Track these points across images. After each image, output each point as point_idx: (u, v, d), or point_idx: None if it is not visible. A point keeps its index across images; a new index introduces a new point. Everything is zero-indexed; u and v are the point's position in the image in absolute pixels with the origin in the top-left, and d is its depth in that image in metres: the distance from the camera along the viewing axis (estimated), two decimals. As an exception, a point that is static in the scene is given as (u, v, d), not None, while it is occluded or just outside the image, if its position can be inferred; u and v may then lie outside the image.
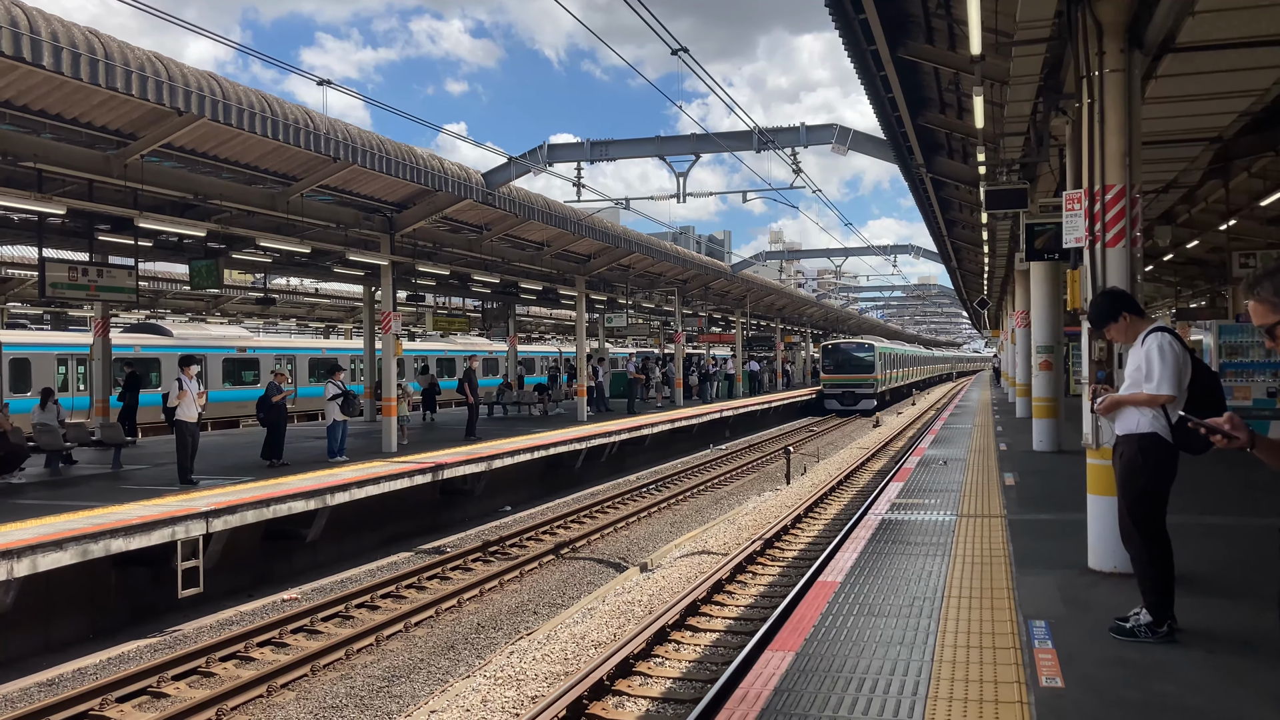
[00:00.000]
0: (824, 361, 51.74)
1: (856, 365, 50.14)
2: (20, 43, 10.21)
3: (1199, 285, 32.37)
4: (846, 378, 49.80)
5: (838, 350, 51.51)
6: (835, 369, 50.42)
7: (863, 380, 49.80)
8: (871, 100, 13.58)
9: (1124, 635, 5.87)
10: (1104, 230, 7.43)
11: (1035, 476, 13.93)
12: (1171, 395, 5.59)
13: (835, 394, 49.96)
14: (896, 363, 60.42)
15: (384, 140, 16.20)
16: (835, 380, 50.19)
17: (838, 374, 50.14)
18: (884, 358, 53.09)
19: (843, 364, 50.32)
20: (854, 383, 49.82)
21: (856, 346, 51.55)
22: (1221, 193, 16.99)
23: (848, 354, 50.93)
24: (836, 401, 49.78)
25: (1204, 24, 7.77)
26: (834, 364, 50.67)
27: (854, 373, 49.84)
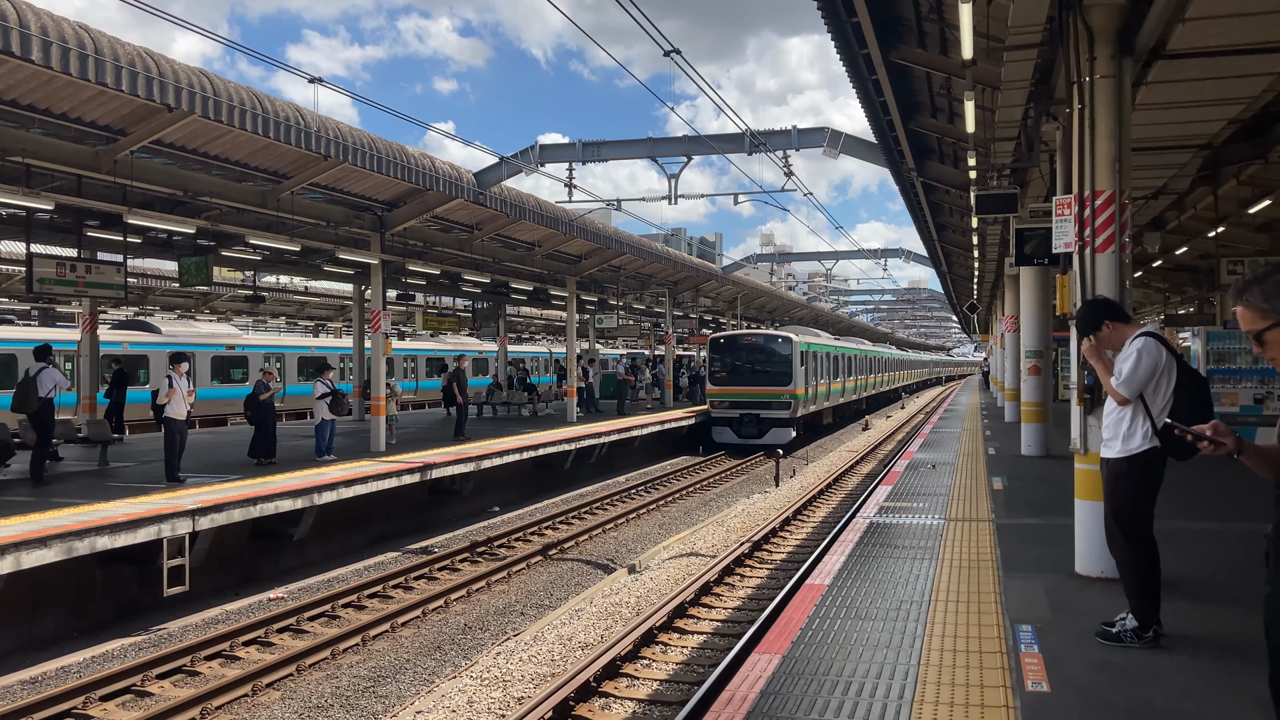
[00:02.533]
0: (711, 364, 32.96)
1: (763, 371, 32.18)
2: (9, 37, 10.15)
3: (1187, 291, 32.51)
4: (746, 392, 31.69)
5: (733, 346, 33.25)
6: (729, 377, 32.37)
7: (773, 397, 31.55)
8: (863, 104, 13.60)
9: (1110, 640, 5.88)
10: (1093, 235, 7.45)
11: (1023, 481, 13.96)
12: (1125, 399, 5.76)
13: (728, 418, 31.85)
14: (837, 367, 40.33)
15: (375, 139, 16.16)
16: (729, 395, 32.03)
17: (732, 385, 32.09)
18: (812, 360, 34.25)
19: (740, 369, 32.48)
20: (758, 399, 31.59)
21: (764, 341, 33.32)
22: (1210, 199, 17.06)
23: (748, 352, 32.82)
24: (730, 430, 31.71)
25: (1195, 31, 7.81)
26: (726, 369, 32.57)
27: (758, 383, 31.79)
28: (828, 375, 37.64)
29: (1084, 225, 7.51)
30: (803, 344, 32.78)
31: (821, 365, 36.11)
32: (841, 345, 42.74)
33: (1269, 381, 15.86)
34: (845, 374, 42.62)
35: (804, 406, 32.82)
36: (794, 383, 31.58)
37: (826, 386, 37.67)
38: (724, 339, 33.73)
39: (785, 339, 32.51)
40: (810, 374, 33.62)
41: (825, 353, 37.40)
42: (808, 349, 33.32)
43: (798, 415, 32.08)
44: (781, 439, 30.59)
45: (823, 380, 36.45)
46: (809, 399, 33.64)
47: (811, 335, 37.23)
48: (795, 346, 31.97)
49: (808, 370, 33.07)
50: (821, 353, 36.43)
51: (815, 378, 34.62)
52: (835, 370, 39.70)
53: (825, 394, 37.42)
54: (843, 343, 44.10)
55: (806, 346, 33.27)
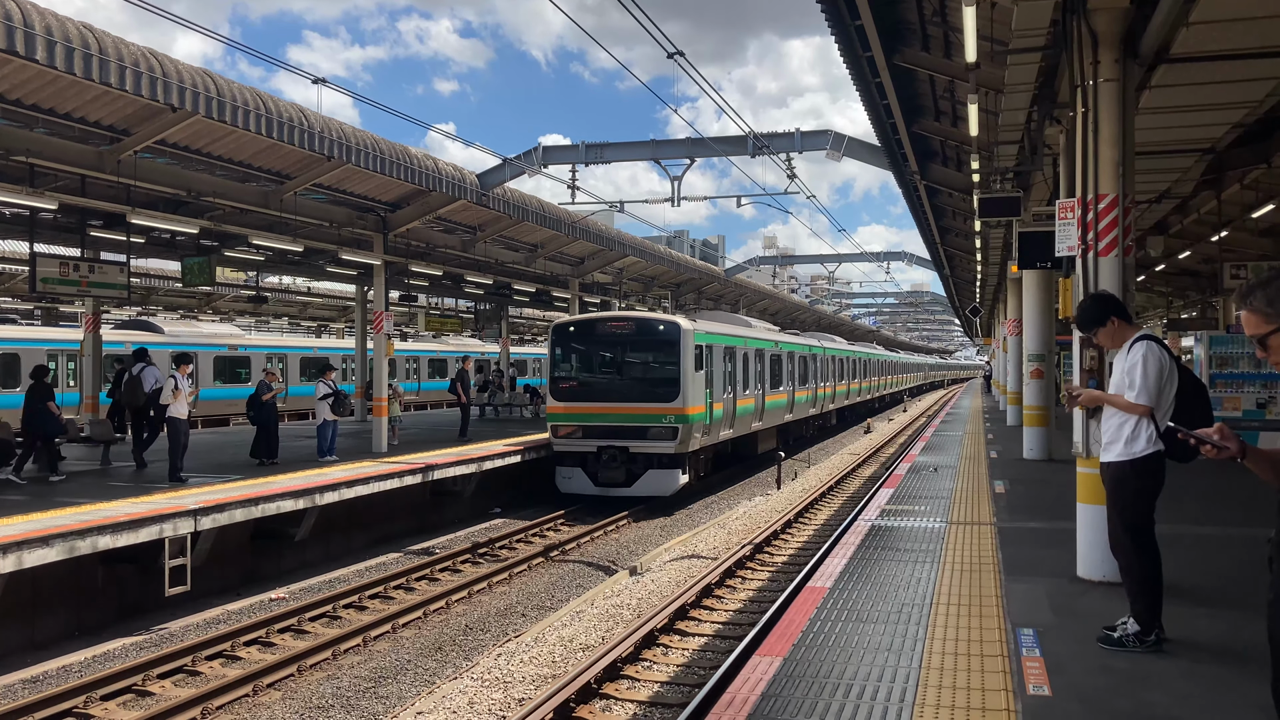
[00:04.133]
0: (555, 368, 21.48)
1: (634, 379, 20.91)
2: (14, 37, 10.17)
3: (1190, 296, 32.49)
4: (607, 410, 20.35)
5: (587, 338, 21.59)
6: (581, 387, 20.97)
7: (649, 419, 20.03)
8: (866, 107, 13.61)
9: (1112, 645, 5.87)
10: (1097, 239, 7.45)
11: (1025, 484, 13.95)
12: (1148, 408, 5.67)
13: (579, 454, 20.45)
14: (779, 371, 28.95)
15: (378, 139, 16.17)
16: (579, 417, 20.52)
17: (585, 401, 20.66)
18: (720, 360, 22.68)
19: (598, 375, 21.25)
20: (626, 423, 20.17)
21: (636, 331, 21.23)
22: (1214, 204, 17.06)
23: (611, 347, 21.39)
24: (583, 473, 20.40)
25: (1199, 35, 7.80)
26: (576, 374, 21.34)
27: (626, 398, 20.47)
28: (757, 383, 26.08)
29: (1087, 229, 7.51)
30: (701, 335, 20.79)
31: (742, 369, 24.41)
32: (785, 341, 30.66)
33: (1272, 386, 15.85)
34: (794, 380, 30.96)
35: (704, 433, 20.86)
36: (683, 395, 19.59)
37: (756, 400, 25.83)
38: (573, 326, 21.32)
39: (669, 326, 20.29)
40: (717, 382, 21.82)
41: (750, 350, 25.30)
42: (709, 343, 21.44)
43: (692, 448, 20.11)
44: (663, 486, 19.55)
45: (747, 391, 24.74)
46: (715, 421, 21.67)
47: (723, 324, 25.22)
48: (686, 339, 19.89)
49: (711, 376, 21.34)
50: (740, 350, 24.25)
51: (728, 387, 22.99)
52: (775, 375, 28.34)
53: (754, 412, 25.59)
54: (786, 337, 31.93)
55: (707, 339, 21.19)
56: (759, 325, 30.48)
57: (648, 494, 19.97)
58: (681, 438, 19.77)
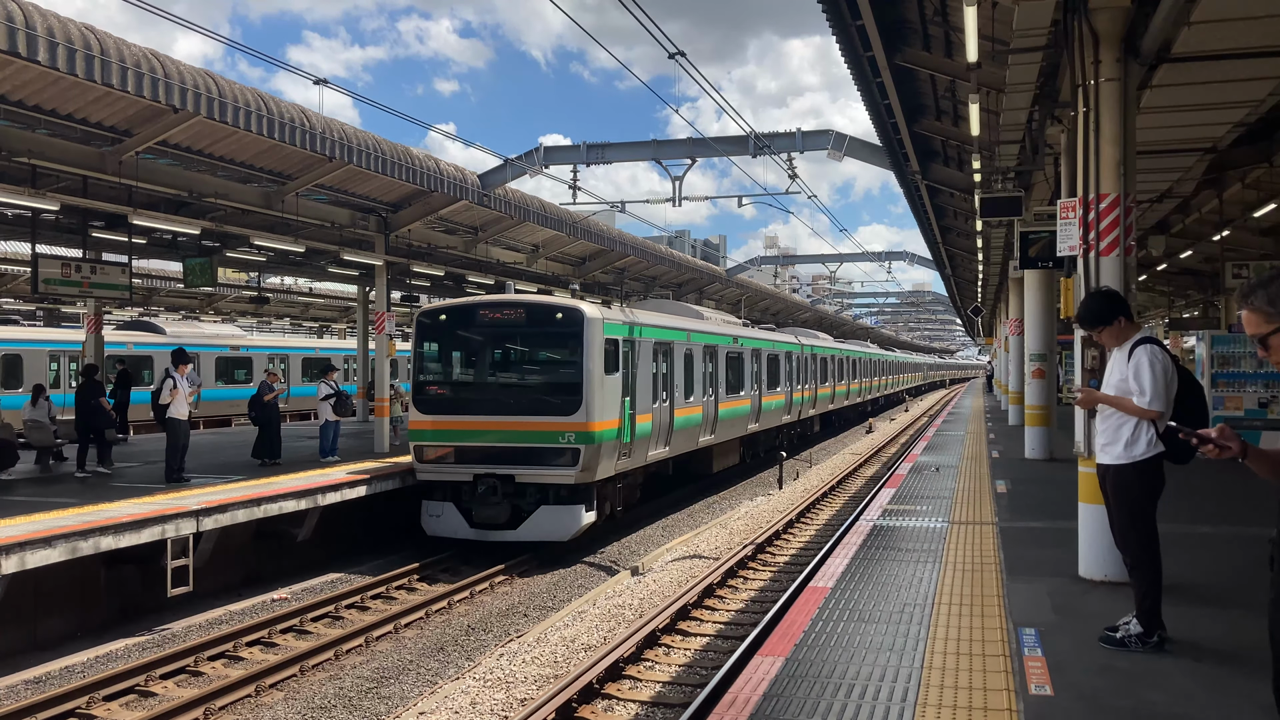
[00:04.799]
0: (420, 370, 16.69)
1: (522, 384, 16.40)
2: (16, 38, 10.18)
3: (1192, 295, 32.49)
4: (487, 427, 15.57)
5: (463, 327, 16.67)
6: (454, 398, 16.31)
7: (542, 438, 15.27)
8: (867, 106, 13.61)
9: (1114, 645, 5.87)
10: (1098, 239, 7.45)
11: (1027, 484, 13.95)
12: (1161, 411, 5.64)
13: (451, 484, 15.56)
14: (733, 371, 23.79)
15: (380, 140, 16.19)
16: (451, 435, 15.75)
17: (459, 414, 15.86)
18: (644, 360, 17.72)
19: (474, 377, 16.84)
20: (512, 444, 15.38)
21: (526, 320, 16.15)
22: (1215, 203, 17.07)
23: (494, 340, 16.72)
24: (455, 510, 15.43)
25: (1200, 35, 7.80)
26: (450, 379, 16.94)
27: (512, 409, 15.62)
28: (707, 387, 21.26)
29: (1088, 228, 7.51)
30: (615, 327, 16.19)
31: (684, 370, 19.68)
32: (750, 337, 25.68)
33: (1273, 385, 15.85)
34: (761, 383, 26.06)
35: (622, 455, 16.26)
36: (587, 406, 15.09)
37: (705, 409, 20.97)
38: (444, 314, 16.53)
39: (569, 314, 15.55)
40: (642, 387, 17.20)
41: (696, 347, 20.51)
42: (631, 337, 16.81)
43: (602, 475, 15.63)
44: (559, 528, 15.06)
45: (691, 398, 20.01)
46: (640, 439, 17.02)
47: (657, 314, 20.08)
48: (591, 332, 15.34)
49: (633, 379, 16.74)
50: (680, 347, 19.53)
51: (662, 394, 18.36)
52: (735, 378, 23.69)
53: (702, 424, 20.83)
54: (751, 332, 26.50)
55: (626, 332, 16.64)
56: (714, 317, 24.61)
57: (538, 538, 14.94)
58: (585, 462, 14.90)
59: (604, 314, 16.09)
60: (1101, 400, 5.95)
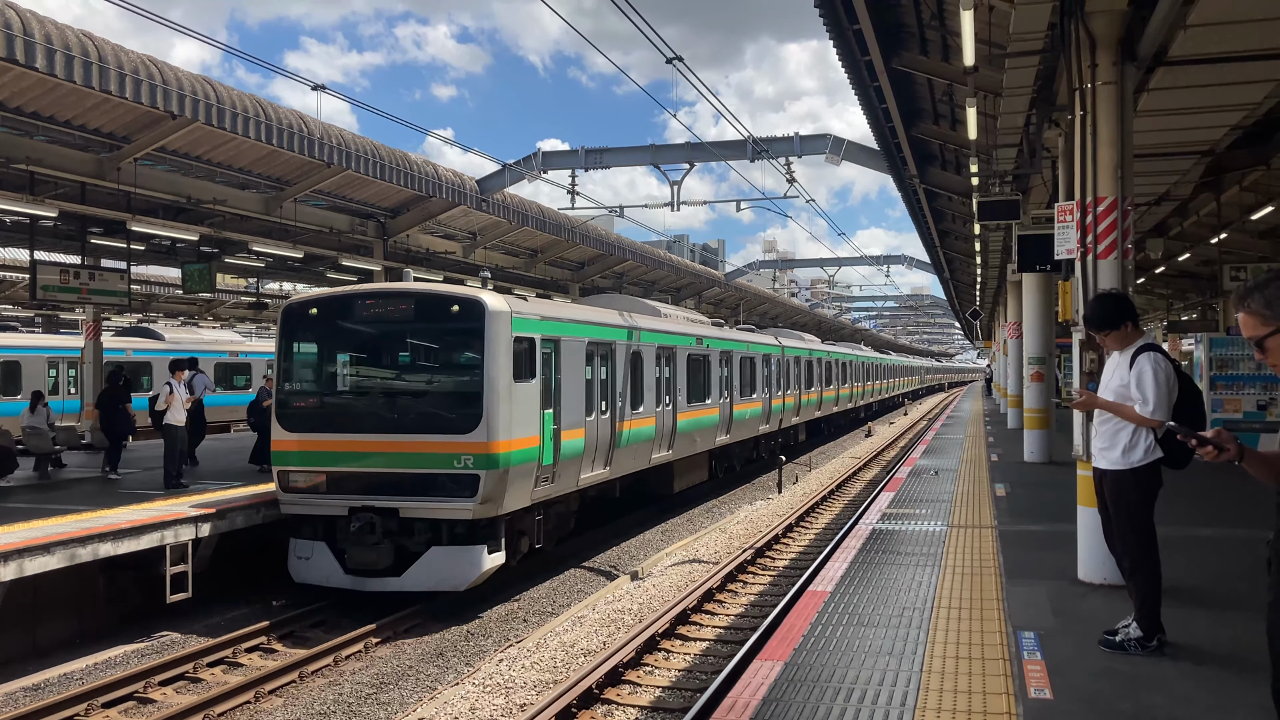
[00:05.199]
0: (286, 376, 13.67)
1: (414, 397, 12.96)
2: (14, 45, 10.19)
3: (1190, 298, 32.53)
4: (368, 447, 12.48)
5: (343, 320, 13.37)
6: (325, 412, 13.14)
7: (433, 462, 12.15)
8: (865, 110, 13.63)
9: (1113, 648, 5.87)
10: (1096, 242, 7.46)
11: (1026, 487, 13.95)
12: (1164, 421, 5.63)
13: (323, 518, 12.49)
14: (695, 377, 20.81)
15: (378, 145, 16.21)
16: (327, 458, 12.56)
17: (336, 433, 12.69)
18: (566, 365, 14.30)
19: (348, 399, 13.53)
20: (398, 469, 12.27)
21: (416, 314, 13.11)
22: (1213, 206, 17.08)
23: (377, 341, 13.61)
24: (328, 550, 12.35)
25: (1196, 38, 7.82)
26: (321, 389, 13.67)
27: (398, 429, 12.44)
28: (663, 395, 18.53)
29: (1086, 231, 7.52)
30: (530, 323, 13.30)
31: (629, 376, 16.81)
32: (716, 338, 22.54)
33: (1271, 388, 15.86)
34: (732, 389, 23.31)
35: (542, 479, 13.46)
36: (489, 422, 12.23)
37: (659, 420, 18.18)
38: (315, 308, 13.50)
39: (468, 307, 12.67)
40: (572, 396, 14.44)
41: (645, 349, 17.64)
42: (554, 336, 14.02)
43: (512, 507, 12.78)
44: (454, 575, 12.15)
45: (640, 408, 17.23)
46: (567, 460, 14.25)
47: (591, 309, 17.19)
48: (495, 329, 12.48)
49: (558, 386, 14.07)
50: (623, 348, 16.60)
51: (601, 403, 15.66)
52: (698, 384, 20.84)
53: (654, 438, 18.03)
54: (717, 332, 23.24)
55: (546, 329, 13.76)
56: (675, 314, 21.62)
57: (428, 587, 12.01)
58: (487, 492, 11.96)
59: (515, 306, 12.98)
60: (1101, 405, 5.94)
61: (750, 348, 25.55)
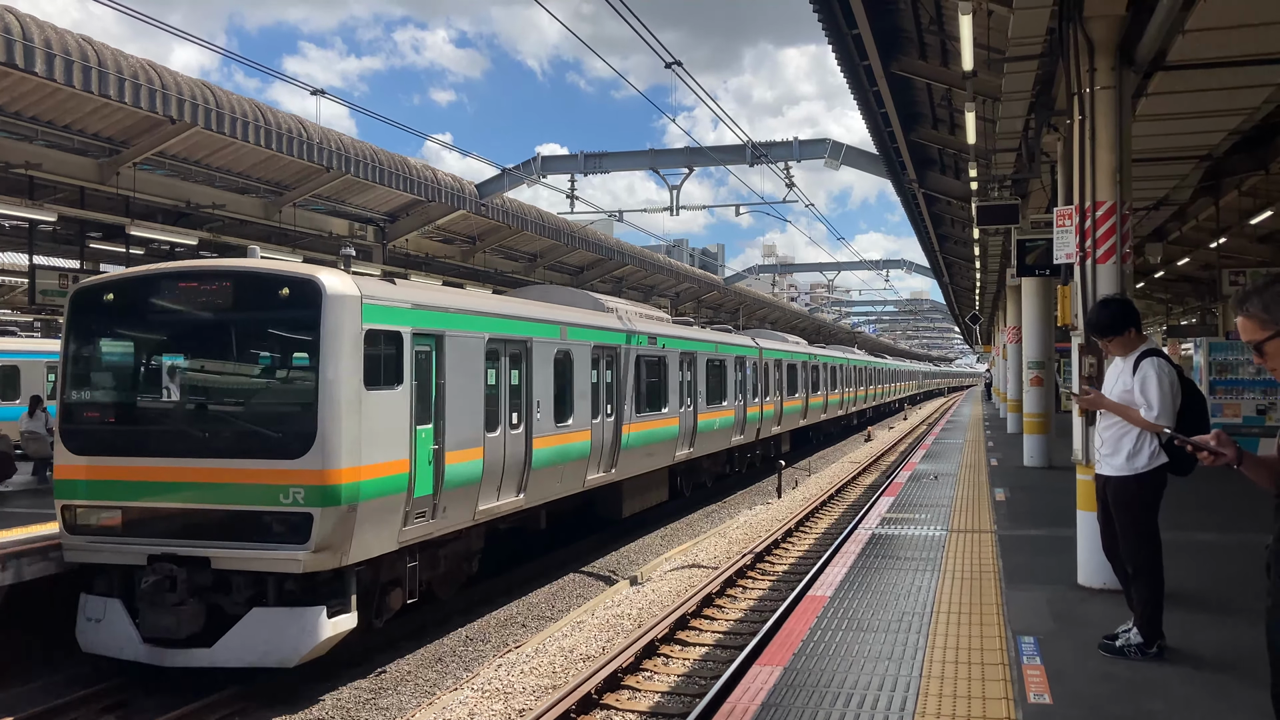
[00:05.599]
0: (72, 382, 10.10)
1: (229, 412, 9.95)
2: (13, 49, 10.20)
3: (1189, 302, 32.56)
4: (170, 476, 9.40)
5: (144, 308, 10.16)
6: (119, 429, 9.93)
7: (251, 497, 9.15)
8: (864, 115, 13.64)
9: (1113, 653, 5.85)
10: (1095, 246, 7.46)
11: (1026, 492, 13.94)
12: (1168, 426, 5.60)
13: (123, 566, 9.42)
14: (645, 382, 17.70)
15: (377, 150, 16.22)
16: (120, 489, 9.51)
17: (129, 457, 9.55)
18: (498, 363, 12.35)
19: (147, 412, 10.16)
20: (208, 505, 9.27)
21: (235, 301, 9.83)
22: (1212, 210, 17.10)
23: (193, 337, 10.17)
24: (121, 609, 9.30)
25: (1195, 42, 7.82)
26: (114, 398, 10.29)
27: (209, 452, 9.32)
28: (605, 403, 15.79)
29: (1085, 236, 7.52)
30: (390, 312, 10.11)
31: (552, 382, 13.85)
32: (670, 336, 18.97)
33: (1271, 392, 15.84)
34: (694, 395, 20.13)
35: (414, 517, 10.41)
36: (327, 443, 9.11)
37: (596, 434, 15.27)
38: (111, 291, 10.26)
39: (302, 289, 9.51)
40: (455, 410, 11.19)
41: (569, 349, 14.47)
42: (428, 330, 10.79)
43: (363, 554, 9.65)
44: (282, 645, 9.14)
45: (570, 420, 14.35)
46: (450, 491, 11.07)
47: (480, 297, 14.87)
48: (338, 318, 9.34)
49: (435, 398, 10.92)
50: (538, 346, 13.47)
51: (497, 418, 12.32)
52: (651, 390, 17.95)
53: (588, 455, 15.05)
54: (669, 330, 19.32)
55: (416, 321, 10.55)
56: (624, 308, 18.10)
57: (248, 663, 9.19)
58: (326, 535, 9.07)
59: (370, 290, 9.76)
60: (1107, 405, 5.91)
61: (720, 349, 22.57)
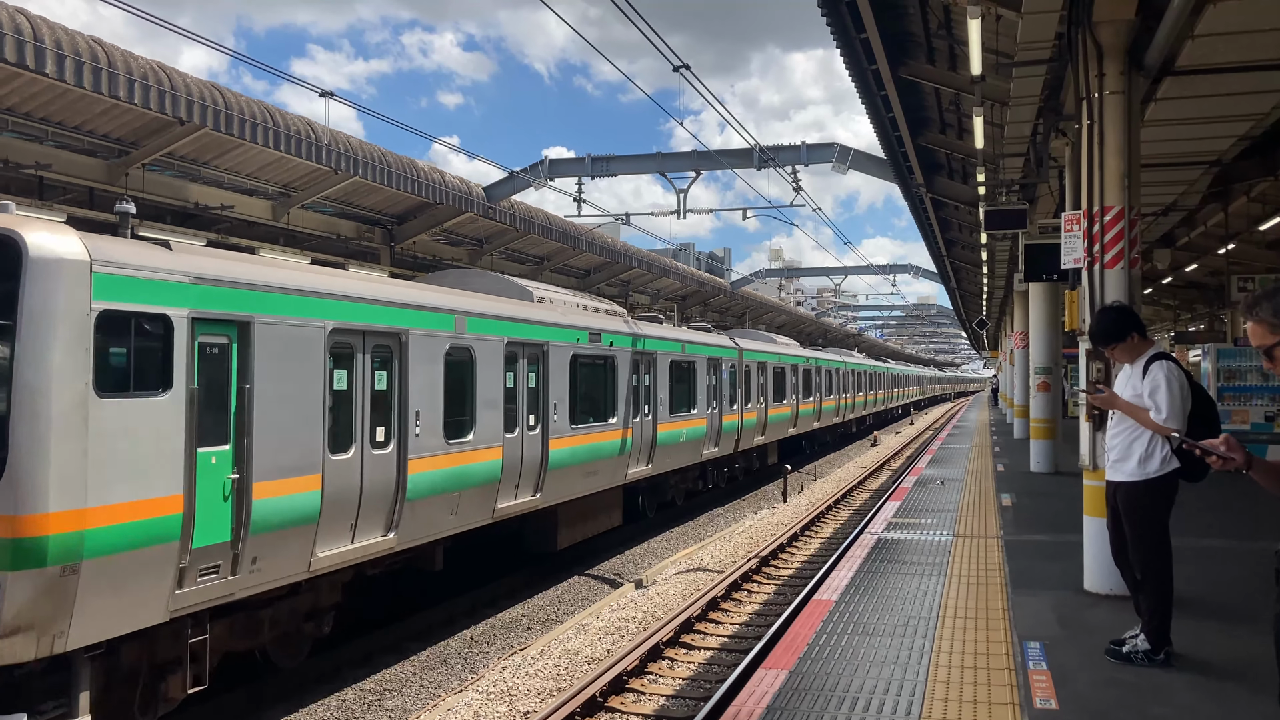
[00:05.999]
0: None
1: None
2: (24, 50, 10.24)
3: (1198, 309, 32.47)
4: None
5: None
6: None
7: None
8: (872, 119, 13.64)
9: (1119, 659, 5.84)
10: (1103, 251, 7.45)
11: (1032, 497, 13.91)
12: (1178, 429, 5.58)
13: None
14: (582, 388, 14.64)
15: (385, 152, 16.25)
16: None
17: None
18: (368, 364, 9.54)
19: None
20: None
21: None
22: (1220, 216, 17.05)
23: None
24: None
25: (1204, 48, 7.81)
26: None
27: None
28: (516, 415, 12.72)
29: (1093, 241, 7.51)
30: (135, 282, 6.99)
31: (434, 387, 10.74)
32: (619, 333, 16.16)
33: (1280, 398, 15.80)
34: (650, 402, 17.32)
35: (170, 581, 7.20)
36: (25, 474, 6.30)
37: (512, 454, 12.51)
38: None
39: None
40: (268, 424, 8.17)
41: (474, 346, 11.65)
42: (223, 315, 7.74)
43: (94, 635, 6.68)
44: None
45: (459, 439, 11.30)
46: (268, 535, 8.13)
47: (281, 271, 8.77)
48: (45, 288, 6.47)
49: (231, 411, 7.90)
50: (416, 344, 10.35)
51: (350, 435, 9.38)
52: (588, 398, 15.04)
53: (489, 481, 11.96)
54: (603, 324, 15.80)
55: (172, 297, 7.27)
56: (560, 298, 15.37)
57: None
58: (21, 611, 6.25)
59: (104, 254, 6.95)
60: (1120, 405, 5.88)
61: (689, 349, 19.41)
